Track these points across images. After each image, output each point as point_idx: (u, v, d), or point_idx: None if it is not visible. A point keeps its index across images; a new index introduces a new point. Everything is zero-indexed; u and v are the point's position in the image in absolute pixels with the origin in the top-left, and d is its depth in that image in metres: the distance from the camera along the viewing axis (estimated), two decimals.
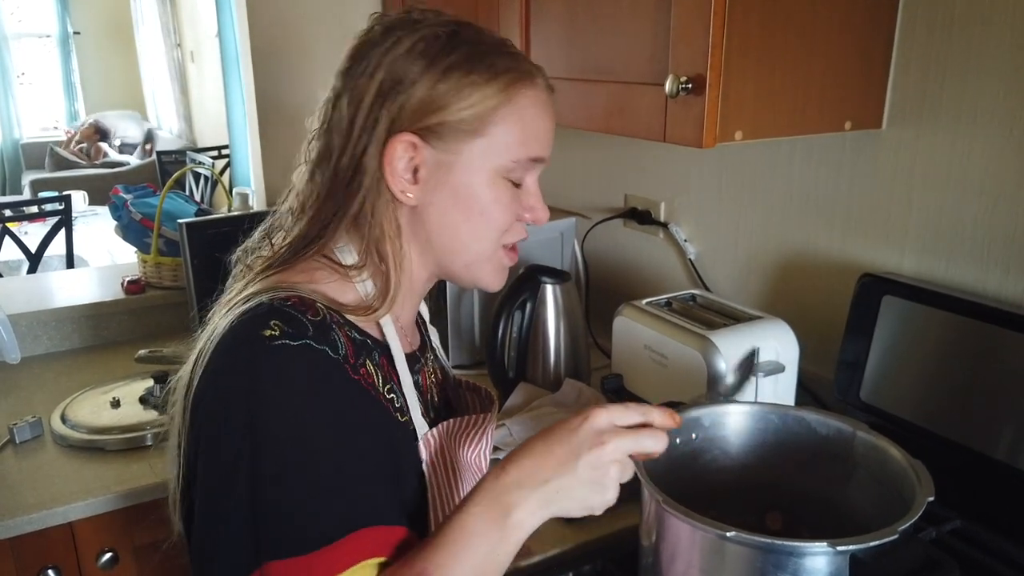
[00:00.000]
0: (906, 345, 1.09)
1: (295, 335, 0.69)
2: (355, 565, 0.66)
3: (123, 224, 1.96)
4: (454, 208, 0.78)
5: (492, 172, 0.77)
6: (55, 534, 1.21)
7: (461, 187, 0.77)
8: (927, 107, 1.10)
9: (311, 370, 0.69)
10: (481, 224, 0.79)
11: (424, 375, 0.89)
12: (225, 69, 4.35)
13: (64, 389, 1.55)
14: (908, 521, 0.71)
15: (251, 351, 0.68)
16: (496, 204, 0.78)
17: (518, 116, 0.76)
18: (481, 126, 0.75)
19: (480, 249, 0.80)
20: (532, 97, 0.77)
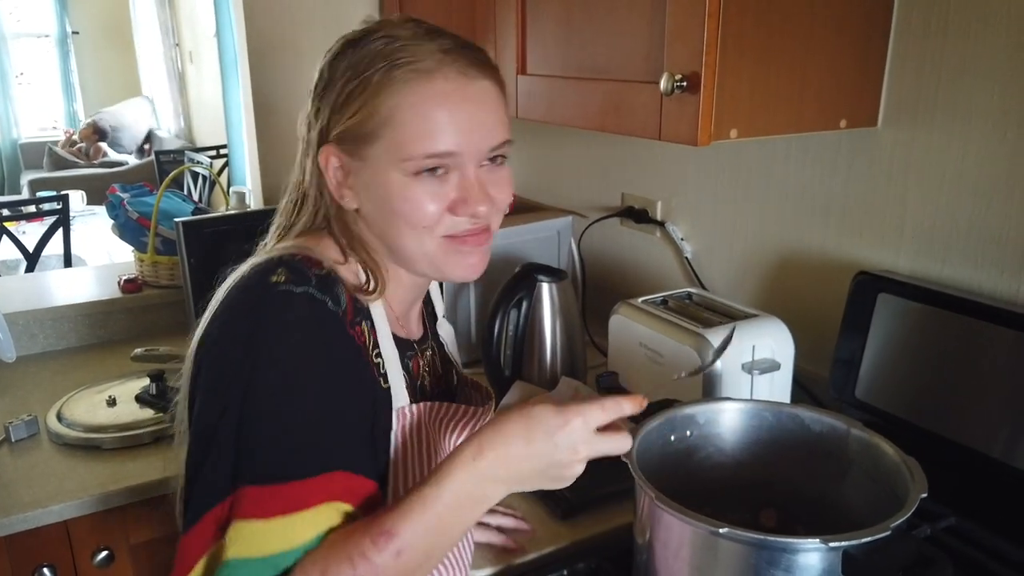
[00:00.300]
0: (901, 343, 1.09)
1: (299, 283, 0.74)
2: (323, 504, 0.69)
3: (120, 223, 1.96)
4: (377, 211, 0.80)
5: (396, 172, 0.77)
6: (50, 532, 1.21)
7: (374, 188, 0.79)
8: (922, 106, 1.10)
9: (310, 316, 0.73)
10: (400, 222, 0.79)
11: (417, 363, 0.91)
12: (223, 69, 4.35)
13: (60, 387, 1.55)
14: (901, 518, 0.71)
15: (257, 294, 0.74)
16: (407, 202, 0.77)
17: (410, 112, 0.75)
18: (377, 126, 0.76)
19: (412, 246, 0.80)
20: (426, 92, 0.75)
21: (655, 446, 0.88)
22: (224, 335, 0.74)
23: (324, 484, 0.70)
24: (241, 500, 0.68)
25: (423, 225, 0.79)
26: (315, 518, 0.69)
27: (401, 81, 0.75)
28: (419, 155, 0.76)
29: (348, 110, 0.77)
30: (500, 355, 1.40)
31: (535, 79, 1.31)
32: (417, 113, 0.75)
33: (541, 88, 1.30)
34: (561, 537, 1.05)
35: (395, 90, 0.75)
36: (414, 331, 0.93)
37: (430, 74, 0.76)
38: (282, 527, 0.68)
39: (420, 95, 0.75)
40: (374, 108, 0.76)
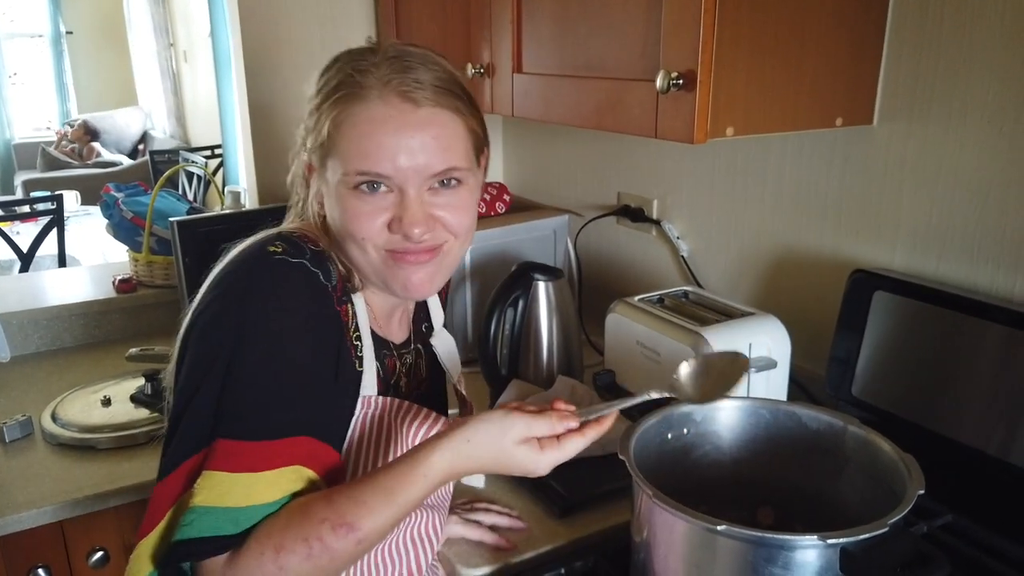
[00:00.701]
0: (897, 340, 1.09)
1: (295, 254, 0.79)
2: (287, 467, 0.73)
3: (114, 223, 1.95)
4: (333, 220, 0.85)
5: (341, 187, 0.81)
6: (45, 533, 1.20)
7: (330, 200, 0.84)
8: (918, 103, 1.10)
9: (302, 285, 0.78)
10: (346, 236, 0.83)
11: (393, 362, 0.93)
12: (218, 69, 4.34)
13: (55, 388, 1.55)
14: (898, 515, 0.71)
15: (254, 261, 0.78)
16: (347, 214, 0.81)
17: (349, 133, 0.79)
18: (329, 145, 0.81)
19: (357, 256, 0.84)
20: (361, 115, 0.79)
21: (652, 444, 0.88)
22: (221, 294, 0.77)
23: (291, 447, 0.74)
24: (214, 452, 0.72)
25: (360, 236, 0.82)
26: (278, 480, 0.72)
27: (346, 101, 0.79)
28: (352, 172, 0.80)
29: (311, 125, 0.83)
30: (496, 354, 1.39)
31: (531, 77, 1.31)
32: (357, 133, 0.79)
33: (537, 86, 1.30)
34: (558, 535, 1.04)
35: (340, 109, 0.80)
36: (395, 335, 0.95)
37: (368, 100, 0.79)
38: (246, 482, 0.71)
39: (360, 116, 0.79)
40: (326, 127, 0.81)
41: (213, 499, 0.70)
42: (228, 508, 0.70)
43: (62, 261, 3.57)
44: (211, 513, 0.70)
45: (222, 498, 0.70)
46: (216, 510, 0.70)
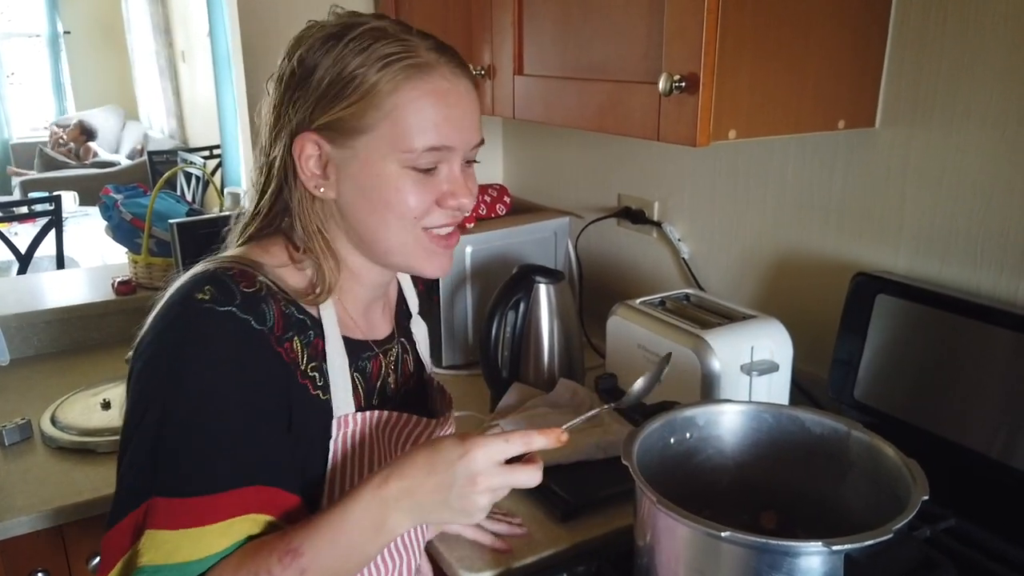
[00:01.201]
0: (900, 344, 1.09)
1: (223, 302, 0.74)
2: (236, 517, 0.71)
3: (113, 224, 1.95)
4: (360, 200, 0.80)
5: (391, 163, 0.78)
6: (45, 537, 1.20)
7: (363, 179, 0.79)
8: (920, 106, 1.10)
9: (229, 335, 0.74)
10: (388, 214, 0.80)
11: (377, 364, 0.91)
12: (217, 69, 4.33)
13: (54, 391, 1.54)
14: (903, 520, 0.71)
15: (180, 310, 0.74)
16: (398, 193, 0.79)
17: (408, 107, 0.77)
18: (373, 118, 0.77)
19: (393, 237, 0.81)
20: (424, 88, 0.77)
21: (655, 448, 0.88)
22: (149, 348, 0.75)
23: (236, 499, 0.71)
24: (153, 509, 0.70)
25: (412, 216, 0.80)
26: (227, 530, 0.71)
27: (403, 75, 0.76)
28: (419, 148, 0.77)
29: (341, 101, 0.76)
30: (498, 357, 1.39)
31: (532, 79, 1.31)
32: (419, 107, 0.77)
33: (538, 88, 1.29)
34: (561, 540, 1.04)
35: (396, 84, 0.76)
36: (377, 330, 0.92)
37: (429, 70, 0.78)
38: (192, 537, 0.69)
39: (421, 90, 0.77)
40: (373, 101, 0.76)
41: (161, 558, 0.69)
42: (178, 564, 0.69)
43: (60, 262, 3.56)
44: (159, 572, 0.69)
45: (170, 555, 0.69)
46: (165, 568, 0.69)
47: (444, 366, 1.58)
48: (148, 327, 0.77)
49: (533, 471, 0.72)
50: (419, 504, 0.71)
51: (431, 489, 0.71)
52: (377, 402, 0.90)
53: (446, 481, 0.70)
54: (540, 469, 0.73)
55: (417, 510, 0.71)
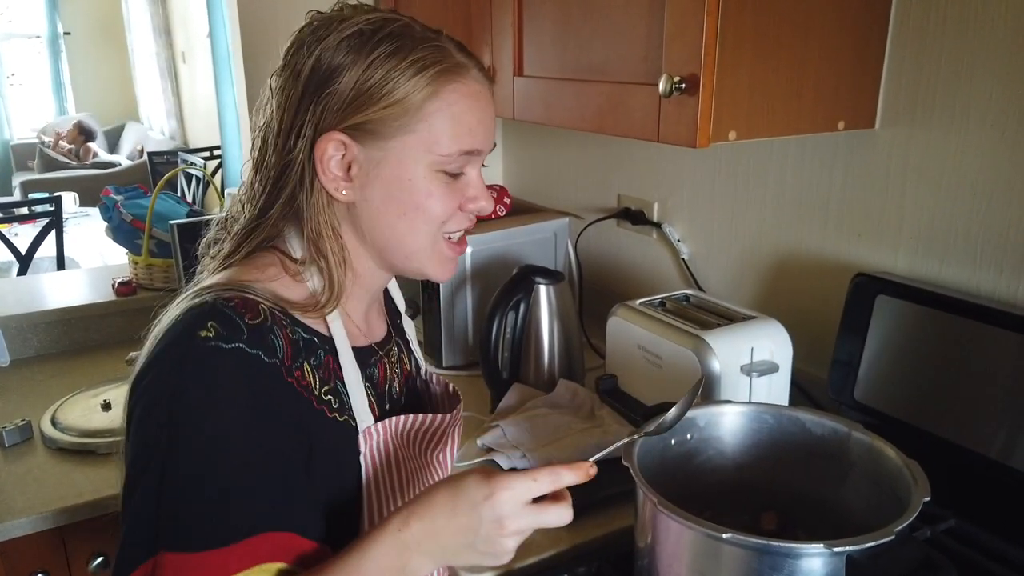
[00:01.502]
0: (900, 344, 1.09)
1: (229, 338, 0.69)
2: (250, 568, 0.66)
3: (114, 225, 1.95)
4: (388, 203, 0.78)
5: (423, 167, 0.77)
6: (45, 538, 1.20)
7: (393, 182, 0.77)
8: (920, 107, 1.10)
9: (238, 374, 0.69)
10: (417, 218, 0.79)
11: (383, 367, 0.89)
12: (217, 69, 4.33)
13: (54, 392, 1.54)
14: (904, 521, 0.71)
15: (183, 350, 0.69)
16: (430, 198, 0.78)
17: (448, 110, 0.76)
18: (408, 122, 0.75)
19: (418, 242, 0.80)
20: (461, 90, 0.77)
21: (655, 450, 0.88)
22: (150, 391, 0.70)
23: (249, 549, 0.67)
24: (162, 566, 0.65)
25: (440, 220, 0.80)
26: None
27: (441, 79, 0.75)
28: (455, 151, 0.77)
29: (376, 103, 0.74)
30: (498, 358, 1.39)
31: (532, 81, 1.31)
32: (457, 111, 0.76)
33: (538, 89, 1.29)
34: (561, 541, 1.04)
35: (435, 87, 0.75)
36: (376, 332, 0.91)
37: (463, 72, 0.77)
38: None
39: (459, 93, 0.77)
40: (410, 103, 0.75)
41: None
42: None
43: (61, 263, 3.56)
44: None
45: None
46: None
47: (444, 367, 1.58)
48: (147, 364, 0.71)
49: (563, 510, 0.69)
50: (442, 547, 0.68)
51: (455, 531, 0.68)
52: (388, 407, 0.89)
53: (471, 524, 0.67)
54: (570, 507, 0.70)
55: (440, 553, 0.68)
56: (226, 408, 0.68)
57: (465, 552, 0.68)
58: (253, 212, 0.80)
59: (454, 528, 0.68)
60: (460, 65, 0.77)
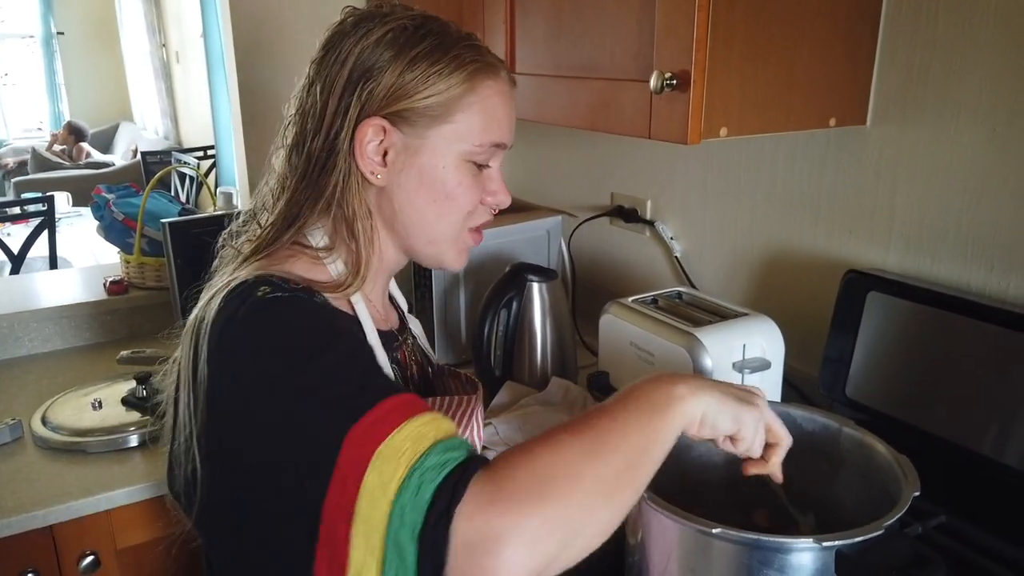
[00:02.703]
0: (891, 341, 1.09)
1: (285, 290, 0.74)
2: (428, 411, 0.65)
3: (105, 224, 1.94)
4: (420, 189, 0.83)
5: (457, 156, 0.82)
6: (35, 537, 1.19)
7: (427, 170, 0.82)
8: (911, 104, 1.10)
9: (308, 308, 0.74)
10: (446, 206, 0.84)
11: (403, 353, 0.93)
12: (210, 69, 4.33)
13: (45, 391, 1.53)
14: (894, 516, 0.71)
15: (250, 310, 0.71)
16: (460, 187, 0.83)
17: (481, 104, 0.82)
18: (446, 112, 0.80)
19: (444, 230, 0.86)
20: (494, 87, 0.83)
21: None
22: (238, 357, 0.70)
23: (414, 399, 0.66)
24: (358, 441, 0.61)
25: (467, 210, 0.85)
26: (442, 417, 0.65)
27: (481, 74, 0.82)
28: (487, 143, 0.83)
29: (420, 92, 0.79)
30: (490, 355, 1.39)
31: (524, 78, 1.30)
32: (492, 104, 0.83)
33: (530, 87, 1.29)
34: None
35: (476, 81, 0.81)
36: (393, 320, 0.95)
37: (497, 71, 0.84)
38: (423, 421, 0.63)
39: (494, 89, 0.83)
40: (450, 95, 0.80)
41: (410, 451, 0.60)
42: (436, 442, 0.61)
43: (53, 263, 3.55)
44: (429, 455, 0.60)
45: (419, 442, 0.60)
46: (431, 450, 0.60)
47: None
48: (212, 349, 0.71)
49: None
50: (701, 380, 0.72)
51: (711, 381, 0.73)
52: (411, 390, 0.91)
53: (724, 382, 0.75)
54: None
55: (700, 382, 0.72)
56: (312, 326, 0.71)
57: (722, 386, 0.73)
58: (289, 199, 0.83)
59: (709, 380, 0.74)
60: (493, 65, 0.84)
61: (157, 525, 1.28)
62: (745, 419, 0.73)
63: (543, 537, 0.58)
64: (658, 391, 0.69)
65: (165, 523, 1.28)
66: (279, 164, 0.86)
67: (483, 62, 0.82)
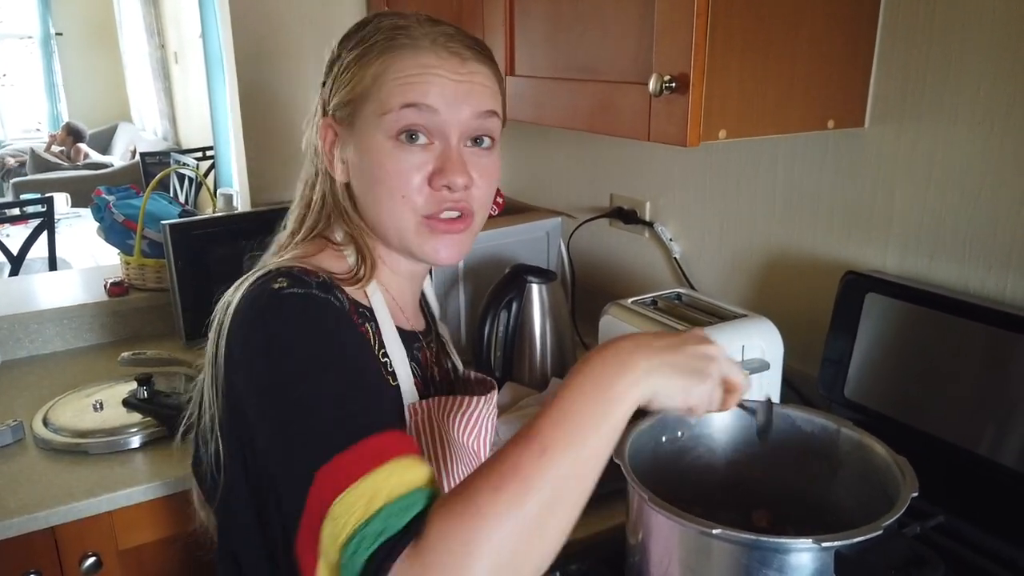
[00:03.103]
0: (890, 342, 1.09)
1: (301, 285, 0.74)
2: (403, 455, 0.63)
3: (105, 226, 1.94)
4: (360, 181, 0.84)
5: (380, 135, 0.80)
6: (37, 539, 1.19)
7: (359, 159, 0.82)
8: (909, 105, 1.11)
9: (320, 310, 0.74)
10: (382, 194, 0.81)
11: (426, 354, 0.93)
12: (209, 70, 4.33)
13: (46, 392, 1.54)
14: (892, 517, 0.71)
15: (264, 303, 0.73)
16: (382, 169, 0.80)
17: (393, 75, 0.79)
18: (366, 98, 0.80)
19: (392, 220, 0.82)
20: (411, 60, 0.79)
21: (646, 447, 0.88)
22: (246, 351, 0.73)
23: (396, 438, 0.65)
24: (324, 484, 0.61)
25: (401, 194, 0.80)
26: (411, 462, 0.63)
27: (397, 49, 0.80)
28: (396, 106, 0.78)
29: (345, 80, 0.81)
30: (490, 356, 1.39)
31: (523, 80, 1.31)
32: (401, 74, 0.79)
33: (529, 89, 1.30)
34: None
35: (389, 56, 0.80)
36: (419, 323, 0.95)
37: (421, 47, 0.80)
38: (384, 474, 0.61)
39: (410, 60, 0.79)
40: (366, 73, 0.80)
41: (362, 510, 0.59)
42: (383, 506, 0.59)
43: (53, 264, 3.55)
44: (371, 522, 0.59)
45: (371, 502, 0.59)
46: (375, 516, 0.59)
47: None
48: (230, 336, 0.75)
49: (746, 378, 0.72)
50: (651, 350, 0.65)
51: (662, 341, 0.66)
52: (432, 392, 0.92)
53: (677, 339, 0.67)
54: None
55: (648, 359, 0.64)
56: (319, 336, 0.72)
57: (674, 358, 0.66)
58: (303, 201, 0.89)
59: (661, 339, 0.67)
60: (412, 43, 0.80)
61: (160, 526, 1.28)
62: (694, 394, 0.67)
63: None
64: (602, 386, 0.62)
65: (168, 524, 1.28)
66: (307, 162, 0.90)
67: (399, 41, 0.79)
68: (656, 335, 0.68)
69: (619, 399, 0.62)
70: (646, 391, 0.64)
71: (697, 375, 0.67)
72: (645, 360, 0.64)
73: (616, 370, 0.63)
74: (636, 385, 0.63)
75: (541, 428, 0.60)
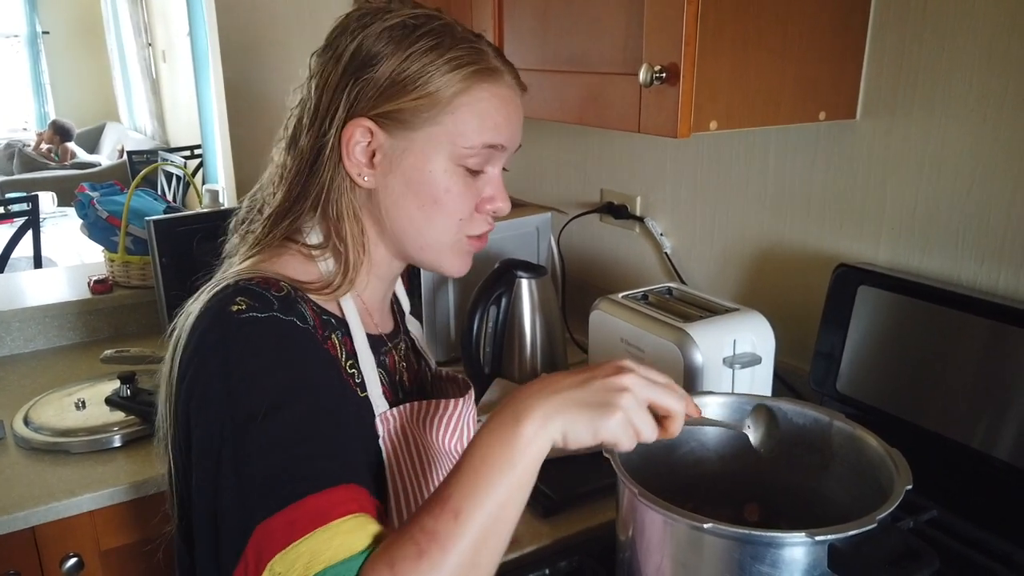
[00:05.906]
0: (882, 335, 1.09)
1: (262, 308, 0.71)
2: (348, 515, 0.64)
3: (89, 222, 1.92)
4: (407, 194, 0.80)
5: (446, 159, 0.79)
6: (17, 539, 1.17)
7: (414, 173, 0.79)
8: (901, 96, 1.10)
9: (280, 337, 0.71)
10: (435, 211, 0.80)
11: (392, 358, 0.91)
12: (197, 68, 4.30)
13: (28, 391, 1.52)
14: (886, 510, 0.70)
15: (221, 327, 0.70)
16: (448, 193, 0.80)
17: (474, 107, 0.78)
18: (436, 114, 0.77)
19: (436, 236, 0.82)
20: (491, 91, 0.79)
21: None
22: (197, 377, 0.70)
23: (344, 495, 0.65)
24: (263, 538, 0.62)
25: (459, 217, 0.81)
26: (354, 524, 0.64)
27: (474, 78, 0.78)
28: (478, 144, 0.79)
29: (408, 93, 0.76)
30: (480, 352, 1.38)
31: None
32: (485, 107, 0.78)
33: None
34: (543, 535, 1.03)
35: (467, 84, 0.77)
36: (387, 324, 0.92)
37: (497, 76, 0.80)
38: (326, 536, 0.62)
39: (490, 92, 0.79)
40: (441, 96, 0.77)
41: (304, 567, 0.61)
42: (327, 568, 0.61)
43: (38, 262, 3.52)
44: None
45: (310, 566, 0.61)
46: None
47: None
48: (184, 355, 0.72)
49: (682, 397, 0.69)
50: (554, 395, 0.65)
51: (568, 382, 0.66)
52: (402, 396, 0.90)
53: (587, 375, 0.67)
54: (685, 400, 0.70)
55: (551, 403, 0.64)
56: (278, 368, 0.70)
57: (579, 395, 0.65)
58: (285, 193, 0.81)
59: (568, 378, 0.67)
60: (494, 68, 0.80)
61: (142, 526, 1.26)
62: (603, 429, 0.65)
63: None
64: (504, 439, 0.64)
65: (150, 524, 1.26)
66: (278, 156, 0.84)
67: (481, 66, 0.78)
68: (567, 374, 0.68)
69: (524, 449, 0.63)
70: (553, 432, 0.64)
71: (603, 408, 0.65)
72: (543, 403, 0.65)
73: (515, 420, 0.64)
74: (542, 429, 0.64)
75: (452, 493, 0.62)
